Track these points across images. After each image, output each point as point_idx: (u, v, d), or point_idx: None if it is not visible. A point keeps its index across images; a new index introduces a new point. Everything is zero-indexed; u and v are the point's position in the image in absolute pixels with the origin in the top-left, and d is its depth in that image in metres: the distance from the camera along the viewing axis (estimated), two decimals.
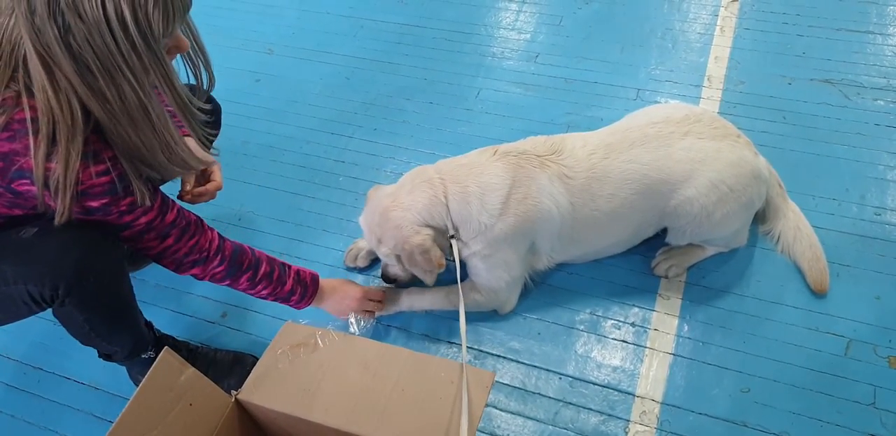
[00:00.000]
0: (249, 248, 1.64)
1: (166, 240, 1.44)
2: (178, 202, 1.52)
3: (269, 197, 2.36)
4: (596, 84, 2.74)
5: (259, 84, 2.87)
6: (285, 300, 1.70)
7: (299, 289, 1.70)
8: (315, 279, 1.75)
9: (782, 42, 2.86)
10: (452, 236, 1.74)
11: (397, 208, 1.72)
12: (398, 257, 1.76)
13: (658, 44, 2.92)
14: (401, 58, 2.96)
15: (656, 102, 2.61)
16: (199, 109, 1.38)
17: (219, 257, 1.54)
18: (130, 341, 1.63)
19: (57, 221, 1.27)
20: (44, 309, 1.42)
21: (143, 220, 1.37)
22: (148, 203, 1.35)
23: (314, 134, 2.61)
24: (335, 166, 2.47)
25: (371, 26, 3.16)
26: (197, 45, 1.37)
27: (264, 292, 1.66)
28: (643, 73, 2.77)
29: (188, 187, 1.76)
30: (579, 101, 2.66)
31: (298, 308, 1.75)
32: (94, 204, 1.27)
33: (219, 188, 1.80)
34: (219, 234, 1.58)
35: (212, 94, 1.92)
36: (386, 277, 1.93)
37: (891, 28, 2.89)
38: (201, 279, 1.59)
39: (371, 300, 1.88)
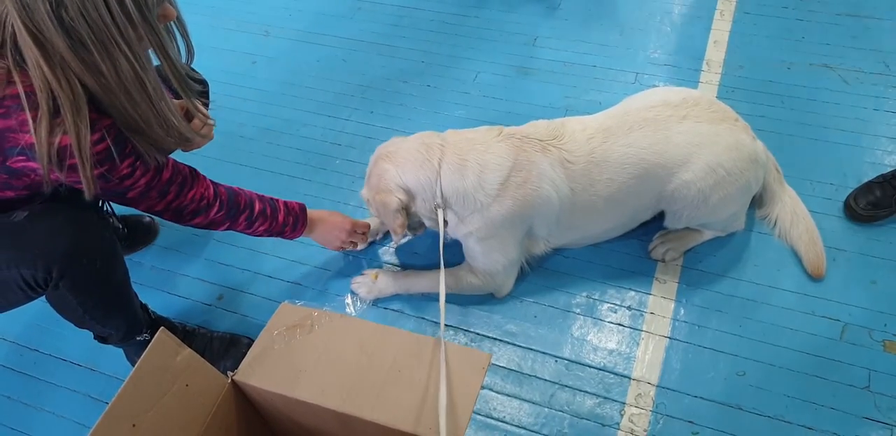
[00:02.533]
0: (238, 188, 1.66)
1: (167, 196, 1.45)
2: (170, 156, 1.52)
3: (266, 180, 2.35)
4: (594, 68, 2.72)
5: (255, 66, 2.85)
6: (280, 233, 1.75)
7: (291, 219, 1.74)
8: (303, 209, 1.80)
9: (782, 26, 2.85)
10: (440, 205, 1.72)
11: (389, 159, 1.73)
12: (368, 201, 1.81)
13: (657, 27, 2.90)
14: (398, 40, 2.94)
15: (655, 86, 2.59)
16: (193, 79, 1.37)
17: (217, 203, 1.56)
18: (125, 324, 1.63)
19: (87, 195, 1.26)
20: (39, 295, 1.41)
21: (142, 181, 1.37)
22: (153, 163, 1.35)
23: (311, 116, 2.60)
24: (332, 149, 2.46)
25: (368, 8, 3.14)
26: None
27: (261, 229, 1.69)
28: (642, 57, 2.76)
29: None
30: (578, 84, 2.65)
31: (292, 238, 1.81)
32: (94, 172, 1.26)
33: (207, 115, 1.73)
34: (211, 180, 1.59)
35: (204, 76, 1.91)
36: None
37: (890, 13, 2.87)
38: (203, 227, 1.60)
39: (357, 232, 1.96)
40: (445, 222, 1.74)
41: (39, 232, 1.32)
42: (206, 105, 1.97)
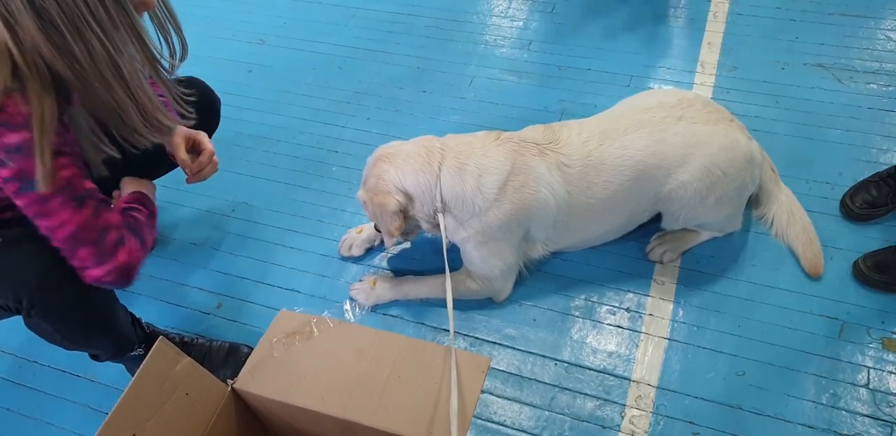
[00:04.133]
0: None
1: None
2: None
3: (263, 188, 2.36)
4: (589, 71, 2.73)
5: (251, 75, 2.86)
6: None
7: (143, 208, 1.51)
8: (140, 196, 1.55)
9: (775, 27, 2.86)
10: (440, 210, 1.72)
11: (388, 161, 1.73)
12: (365, 203, 1.79)
13: (651, 30, 2.91)
14: (393, 47, 2.95)
15: (650, 88, 2.60)
16: (177, 83, 1.35)
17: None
18: (111, 345, 1.62)
19: (43, 188, 1.17)
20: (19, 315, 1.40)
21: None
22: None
23: (307, 124, 2.60)
24: (328, 156, 2.46)
25: (363, 15, 3.14)
26: (166, 8, 1.31)
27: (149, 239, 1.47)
28: (636, 60, 2.77)
29: (187, 169, 1.70)
30: (573, 88, 2.66)
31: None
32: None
33: (212, 154, 1.72)
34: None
35: (209, 85, 1.92)
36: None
37: (882, 11, 2.88)
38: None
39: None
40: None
41: (10, 261, 1.30)
42: (214, 124, 1.97)
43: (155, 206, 1.57)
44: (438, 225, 1.74)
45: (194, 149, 1.73)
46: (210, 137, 1.94)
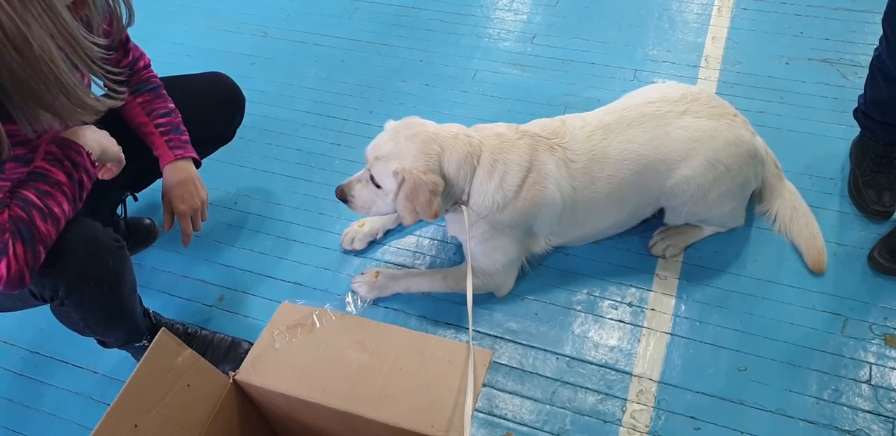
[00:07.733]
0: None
1: None
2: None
3: (265, 180, 2.36)
4: (593, 65, 2.72)
5: (254, 67, 2.85)
6: (88, 178, 1.38)
7: (72, 170, 1.34)
8: (61, 141, 1.36)
9: (780, 22, 2.84)
10: (464, 202, 1.71)
11: (437, 143, 1.67)
12: (401, 183, 1.64)
13: (655, 24, 2.90)
14: (396, 40, 2.94)
15: (654, 83, 2.59)
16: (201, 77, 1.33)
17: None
18: (124, 335, 1.65)
19: None
20: (48, 303, 1.43)
21: None
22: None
23: (310, 117, 2.60)
24: (331, 149, 2.46)
25: (366, 8, 3.14)
26: None
27: (65, 207, 1.32)
28: (640, 54, 2.76)
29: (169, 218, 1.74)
30: (576, 82, 2.65)
31: (96, 168, 1.41)
32: None
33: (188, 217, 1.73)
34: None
35: (234, 81, 1.91)
36: (341, 193, 1.83)
37: None
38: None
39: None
40: (443, 217, 1.73)
41: (51, 252, 1.31)
42: (239, 119, 2.03)
43: (83, 157, 1.36)
44: (448, 213, 1.72)
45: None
46: (234, 131, 2.02)
